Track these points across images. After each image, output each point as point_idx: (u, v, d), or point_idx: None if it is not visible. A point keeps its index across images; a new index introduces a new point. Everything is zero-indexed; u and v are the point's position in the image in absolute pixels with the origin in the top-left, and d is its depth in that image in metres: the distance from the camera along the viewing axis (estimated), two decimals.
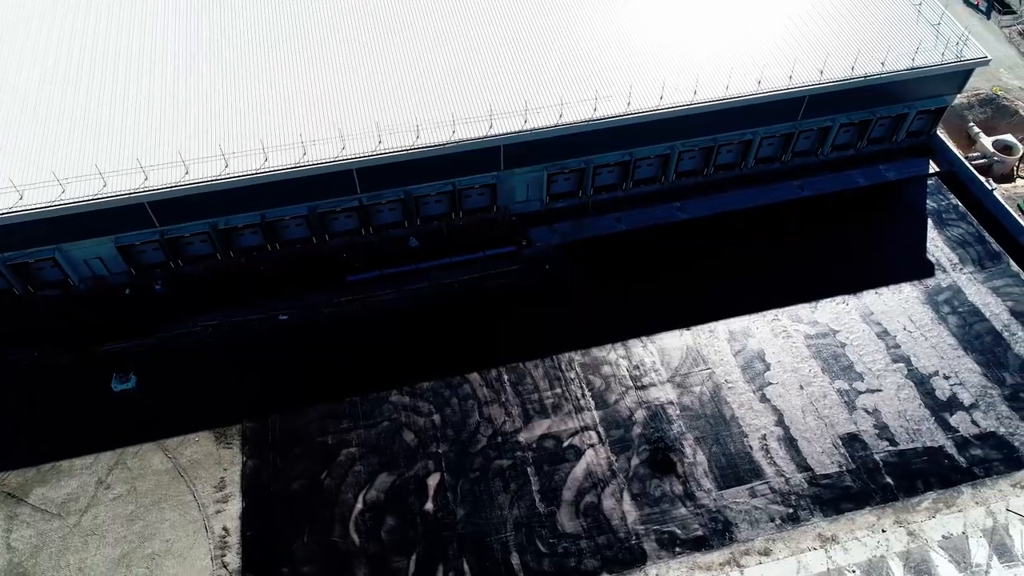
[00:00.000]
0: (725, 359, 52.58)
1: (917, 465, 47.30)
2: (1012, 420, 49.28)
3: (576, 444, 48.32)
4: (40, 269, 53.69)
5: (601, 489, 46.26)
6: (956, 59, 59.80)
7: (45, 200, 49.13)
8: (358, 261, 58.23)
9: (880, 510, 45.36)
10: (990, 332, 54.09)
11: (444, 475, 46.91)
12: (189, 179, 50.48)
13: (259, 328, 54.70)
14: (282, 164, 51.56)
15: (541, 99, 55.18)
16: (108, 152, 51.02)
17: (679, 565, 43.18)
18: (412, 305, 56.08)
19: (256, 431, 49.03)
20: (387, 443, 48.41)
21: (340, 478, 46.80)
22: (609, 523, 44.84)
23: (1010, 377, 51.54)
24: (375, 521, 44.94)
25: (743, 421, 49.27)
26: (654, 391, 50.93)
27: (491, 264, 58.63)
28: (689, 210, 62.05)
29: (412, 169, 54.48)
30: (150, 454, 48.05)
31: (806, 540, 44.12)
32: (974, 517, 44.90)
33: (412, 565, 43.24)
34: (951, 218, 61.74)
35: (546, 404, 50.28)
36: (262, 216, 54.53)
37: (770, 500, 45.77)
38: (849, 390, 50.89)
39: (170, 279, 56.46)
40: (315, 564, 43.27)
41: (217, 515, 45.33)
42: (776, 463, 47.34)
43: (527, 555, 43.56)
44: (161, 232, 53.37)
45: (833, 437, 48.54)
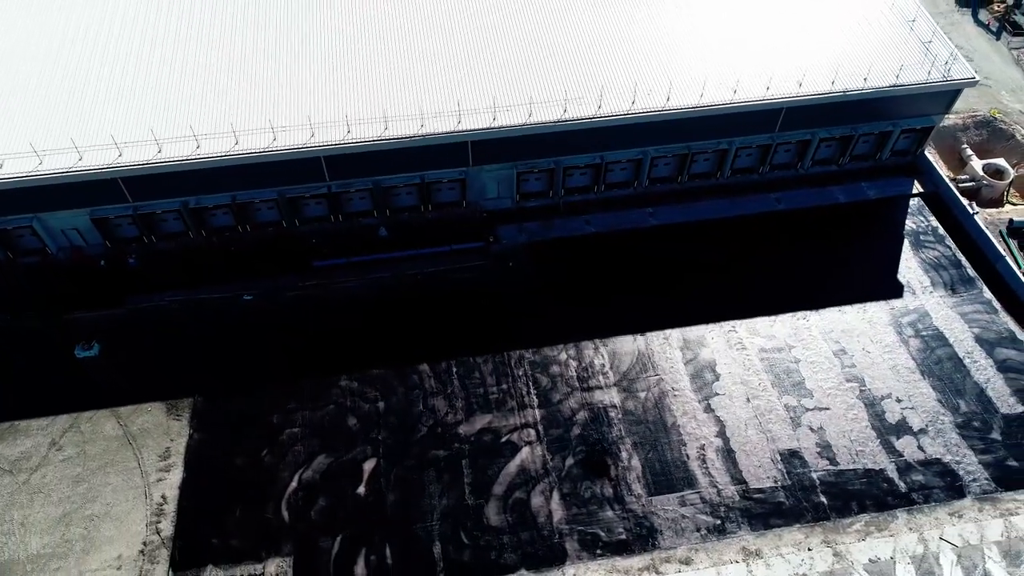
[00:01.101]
0: (675, 367, 52.49)
1: (855, 486, 46.70)
2: (960, 448, 48.33)
3: (514, 440, 48.77)
4: (20, 236, 55.97)
5: (532, 486, 46.66)
6: (942, 78, 58.64)
7: (23, 170, 51.19)
8: (326, 247, 59.41)
9: (809, 528, 44.94)
10: (951, 358, 53.03)
11: (380, 461, 47.77)
12: (161, 157, 52.13)
13: (223, 307, 56.18)
14: (252, 148, 52.91)
15: (511, 97, 55.64)
16: (85, 128, 52.85)
17: (598, 567, 43.37)
18: (374, 293, 57.02)
19: (206, 405, 50.49)
20: (330, 426, 49.44)
21: (280, 456, 47.98)
22: (535, 520, 45.22)
23: (965, 405, 50.51)
24: (307, 500, 46.00)
25: (684, 430, 49.17)
26: (599, 394, 51.10)
27: (457, 258, 59.31)
28: (661, 216, 61.89)
29: (380, 160, 55.40)
30: (103, 420, 49.82)
31: (729, 552, 43.93)
32: (905, 543, 44.21)
33: (337, 546, 44.19)
34: (928, 240, 60.56)
35: (491, 399, 50.81)
36: (233, 198, 56.00)
37: (699, 510, 45.66)
38: (796, 406, 50.42)
39: (144, 254, 58.31)
40: (244, 538, 44.49)
41: (158, 483, 46.85)
42: (711, 474, 47.18)
43: (449, 545, 44.19)
44: (134, 207, 55.17)
45: (773, 452, 48.18)
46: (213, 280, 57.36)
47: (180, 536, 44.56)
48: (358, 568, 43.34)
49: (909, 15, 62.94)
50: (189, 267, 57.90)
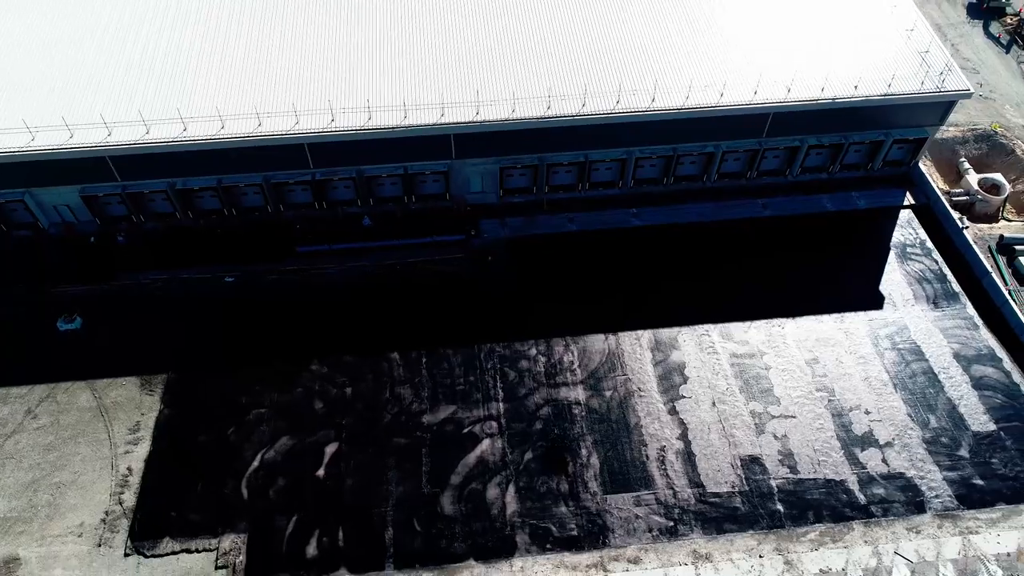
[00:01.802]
0: (644, 368, 52.42)
1: (813, 496, 46.30)
2: (925, 464, 47.67)
3: (476, 432, 49.11)
4: (13, 210, 57.61)
5: (489, 478, 46.97)
6: (936, 89, 57.74)
7: (15, 146, 52.67)
8: (310, 234, 60.24)
9: (763, 535, 44.67)
10: (926, 372, 52.28)
11: (342, 445, 48.42)
12: (148, 138, 53.31)
13: (205, 287, 57.26)
14: (237, 132, 53.86)
15: (495, 92, 55.96)
16: (76, 107, 54.17)
17: (546, 561, 43.56)
18: (353, 281, 57.72)
19: (179, 382, 51.55)
20: (297, 409, 50.21)
21: (245, 436, 48.85)
22: (488, 512, 45.54)
23: (935, 420, 49.79)
24: (267, 480, 46.80)
25: (646, 430, 49.13)
26: (565, 390, 51.24)
27: (437, 250, 59.78)
28: (644, 217, 61.77)
29: (363, 149, 56.08)
30: (79, 391, 51.11)
31: (679, 555, 43.85)
32: (859, 555, 43.75)
33: (292, 526, 44.92)
34: (915, 253, 59.69)
35: (457, 390, 51.21)
36: (219, 181, 57.06)
37: (653, 511, 45.62)
38: (763, 413, 50.09)
39: (132, 232, 59.64)
40: (203, 512, 45.41)
41: (125, 455, 47.98)
42: (669, 475, 47.10)
43: (401, 531, 44.70)
44: (123, 187, 56.46)
45: (733, 457, 47.93)
46: (198, 261, 58.46)
47: (141, 508, 45.62)
48: (310, 548, 44.01)
49: (907, 24, 62.09)
50: (175, 247, 59.09)
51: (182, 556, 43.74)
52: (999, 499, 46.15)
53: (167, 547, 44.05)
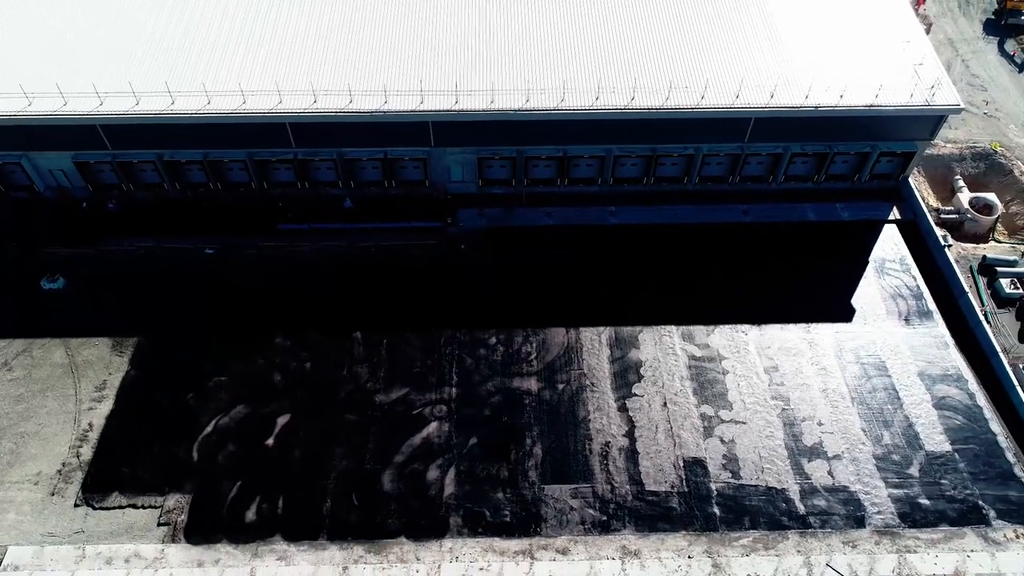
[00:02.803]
0: (600, 364, 52.63)
1: (752, 502, 46.04)
2: (871, 480, 47.02)
3: (425, 414, 49.92)
4: (11, 172, 60.16)
5: (431, 460, 47.73)
6: (924, 103, 56.70)
7: (12, 110, 55.05)
8: (292, 212, 61.70)
9: (695, 536, 44.61)
10: (887, 389, 51.49)
11: (294, 418, 49.66)
12: (137, 109, 55.23)
13: (186, 257, 59.12)
14: (221, 108, 55.46)
15: (475, 83, 56.61)
16: (72, 75, 56.21)
17: (475, 544, 44.17)
18: (328, 260, 58.97)
19: (147, 346, 53.40)
20: (256, 380, 51.61)
21: (203, 401, 50.42)
22: (426, 492, 46.32)
23: (889, 437, 49.04)
24: (218, 445, 48.27)
25: (593, 425, 49.36)
26: (519, 380, 51.73)
27: (414, 236, 60.74)
28: (622, 216, 61.87)
29: (344, 132, 57.27)
30: (54, 348, 53.28)
31: (608, 549, 44.05)
32: (789, 564, 43.43)
33: (235, 491, 46.29)
34: (894, 268, 58.71)
35: (413, 373, 52.05)
36: (205, 155, 58.80)
37: (588, 504, 45.89)
38: (713, 416, 49.93)
39: (123, 200, 61.80)
40: (152, 471, 47.05)
41: (88, 411, 49.94)
42: (609, 471, 47.29)
43: (339, 505, 45.72)
44: (113, 155, 58.54)
45: (677, 458, 47.91)
46: (182, 231, 60.33)
47: (96, 462, 47.45)
48: (249, 513, 45.33)
49: (904, 35, 61.04)
50: (162, 217, 61.08)
51: (128, 511, 45.43)
52: (943, 520, 45.33)
53: (115, 501, 45.80)
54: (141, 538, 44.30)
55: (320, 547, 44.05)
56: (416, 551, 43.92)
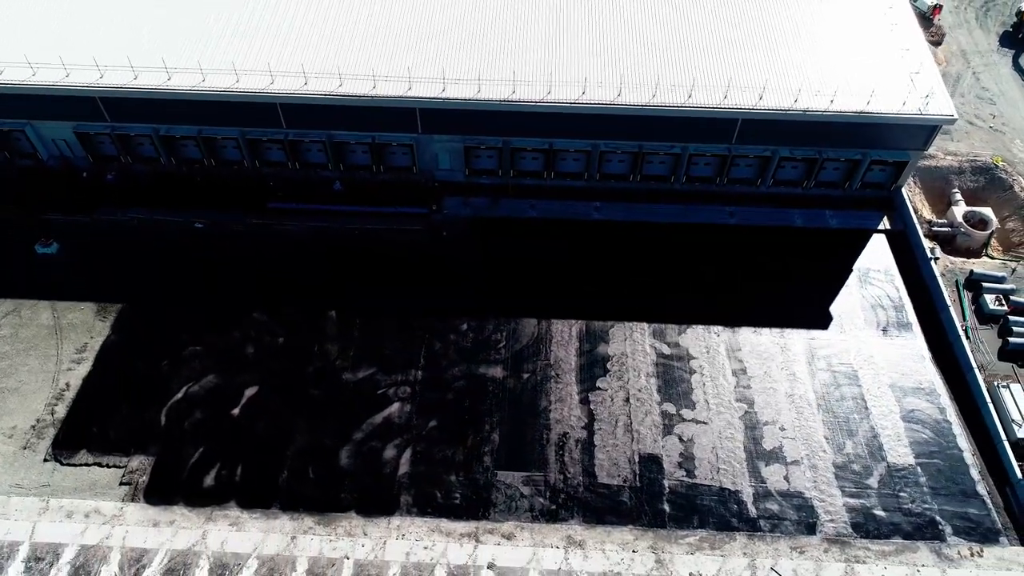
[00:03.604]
0: (568, 356, 52.82)
1: (703, 501, 45.88)
2: (828, 487, 46.51)
3: (389, 395, 50.67)
4: (17, 140, 62.40)
5: (390, 439, 48.43)
6: (916, 112, 55.79)
7: (17, 79, 57.10)
8: (282, 191, 62.95)
9: (641, 531, 44.62)
10: (856, 398, 50.83)
11: (261, 390, 50.78)
12: (134, 84, 56.89)
13: (176, 229, 60.73)
14: (215, 86, 56.85)
15: (462, 72, 57.17)
16: (76, 49, 58.08)
17: (423, 524, 44.76)
18: (313, 240, 60.07)
19: (129, 313, 55.04)
20: (229, 351, 52.87)
21: (176, 369, 51.82)
22: (381, 470, 47.04)
23: (852, 446, 48.43)
24: (185, 412, 49.60)
25: (553, 415, 49.61)
26: (485, 367, 52.18)
27: (398, 220, 61.56)
28: (606, 212, 61.91)
29: (333, 115, 58.26)
30: (42, 310, 55.21)
31: (553, 537, 44.28)
32: (733, 565, 43.21)
33: (196, 456, 47.54)
34: (877, 278, 57.84)
35: (382, 354, 52.83)
36: (199, 131, 60.30)
37: (538, 492, 46.16)
38: (674, 415, 49.82)
39: (121, 172, 63.66)
40: (120, 431, 48.56)
41: (67, 372, 51.67)
42: (564, 461, 47.50)
43: (295, 477, 46.67)
44: (112, 127, 60.38)
45: (633, 453, 47.93)
46: (174, 205, 61.98)
47: (68, 420, 49.12)
48: (208, 479, 46.54)
49: (904, 43, 60.06)
50: (157, 190, 62.80)
51: (93, 469, 46.97)
52: (896, 533, 44.67)
53: (82, 458, 47.38)
54: (102, 495, 45.78)
55: (272, 516, 45.06)
56: (364, 526, 44.67)
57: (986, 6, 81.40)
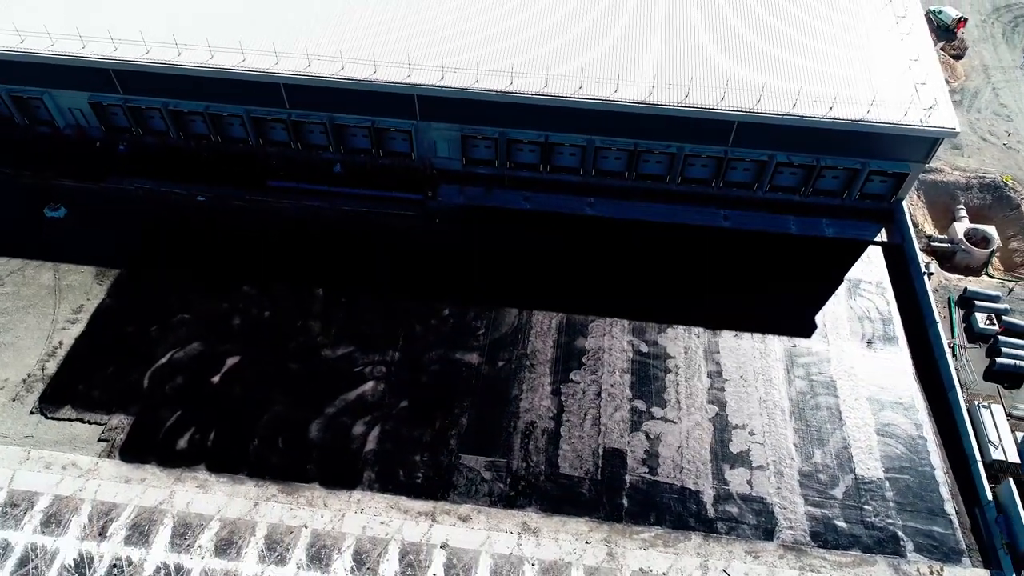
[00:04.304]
0: (545, 347, 53.15)
1: (662, 499, 45.87)
2: (791, 495, 46.11)
3: (365, 373, 51.61)
4: (36, 107, 64.90)
5: (360, 416, 49.36)
6: (917, 123, 54.83)
7: (35, 48, 59.41)
8: (284, 170, 64.37)
9: (596, 523, 44.81)
10: (831, 409, 50.25)
11: (242, 360, 52.14)
12: (145, 58, 58.77)
13: (178, 201, 62.58)
14: (222, 64, 58.43)
15: (461, 61, 57.82)
16: (91, 20, 60.22)
17: (382, 499, 45.58)
18: (308, 219, 61.34)
19: (126, 278, 56.94)
20: (216, 321, 54.37)
21: (163, 335, 53.49)
22: (348, 444, 47.99)
23: (821, 456, 47.93)
24: (167, 376, 51.20)
25: (523, 404, 50.02)
26: (462, 353, 52.80)
27: (393, 205, 62.52)
28: (599, 208, 62.04)
29: (334, 98, 59.43)
30: (44, 271, 57.43)
31: (509, 523, 44.73)
32: (684, 564, 43.16)
33: (173, 419, 49.06)
34: (868, 291, 56.98)
35: (363, 333, 53.78)
36: (206, 107, 62.01)
37: (499, 478, 46.65)
38: (644, 412, 49.85)
39: (132, 143, 65.77)
40: (103, 391, 50.33)
41: (61, 331, 53.70)
42: (528, 449, 47.89)
43: (264, 446, 47.87)
44: (124, 99, 62.43)
45: (598, 446, 48.11)
46: (180, 178, 63.82)
47: (57, 376, 51.08)
48: (181, 441, 48.02)
49: (913, 53, 59.03)
50: (164, 162, 64.70)
51: (75, 424, 48.80)
52: (855, 545, 44.12)
53: (65, 413, 49.26)
54: (81, 450, 47.57)
55: (238, 481, 46.34)
56: (325, 498, 45.68)
57: (1015, 22, 79.35)
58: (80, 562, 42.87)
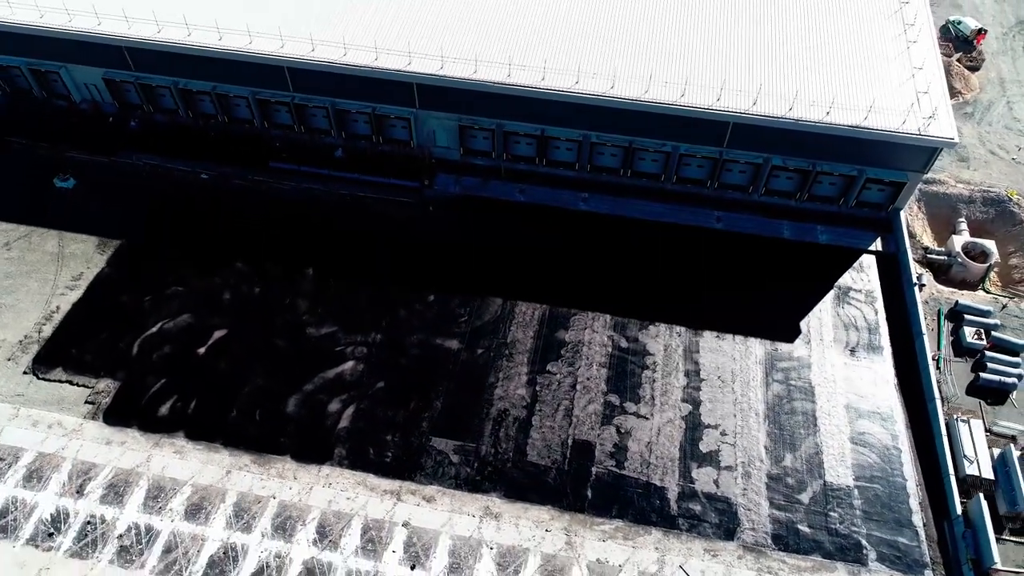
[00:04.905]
0: (525, 338, 53.60)
1: (626, 493, 46.08)
2: (757, 497, 45.99)
3: (346, 353, 52.61)
4: (54, 81, 67.13)
5: (337, 394, 50.36)
6: (914, 132, 54.14)
7: (52, 23, 61.50)
8: (286, 152, 65.71)
9: (559, 512, 45.20)
10: (807, 414, 49.94)
11: (229, 333, 53.49)
12: (156, 37, 60.47)
13: (182, 177, 64.30)
14: (229, 46, 59.86)
15: (460, 51, 58.49)
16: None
17: (350, 476, 46.52)
18: (305, 201, 62.62)
19: (127, 250, 58.75)
20: (207, 295, 55.83)
21: (156, 306, 55.10)
22: (322, 421, 49.02)
23: (791, 460, 47.69)
24: (156, 345, 52.76)
25: (497, 392, 50.57)
26: (443, 339, 53.52)
27: (390, 191, 63.48)
28: (593, 204, 62.26)
29: (336, 82, 60.54)
30: (49, 238, 59.51)
31: (471, 506, 45.34)
32: (642, 558, 43.37)
33: (158, 386, 50.58)
34: (856, 299, 56.42)
35: (347, 315, 54.77)
36: (213, 87, 63.60)
37: (466, 462, 47.28)
38: (618, 406, 50.07)
39: (143, 120, 67.69)
40: (93, 356, 52.09)
41: (60, 296, 55.62)
42: (498, 436, 48.43)
43: (242, 416, 49.16)
44: (136, 76, 64.30)
45: (568, 437, 48.46)
46: (186, 155, 65.54)
47: (51, 340, 52.98)
48: (163, 408, 49.51)
49: (917, 62, 58.25)
50: (173, 140, 66.47)
51: (65, 386, 50.60)
52: (817, 551, 43.90)
53: (56, 375, 51.08)
54: (67, 411, 49.32)
55: (214, 449, 47.66)
56: (296, 471, 46.77)
57: None
58: (56, 517, 44.52)
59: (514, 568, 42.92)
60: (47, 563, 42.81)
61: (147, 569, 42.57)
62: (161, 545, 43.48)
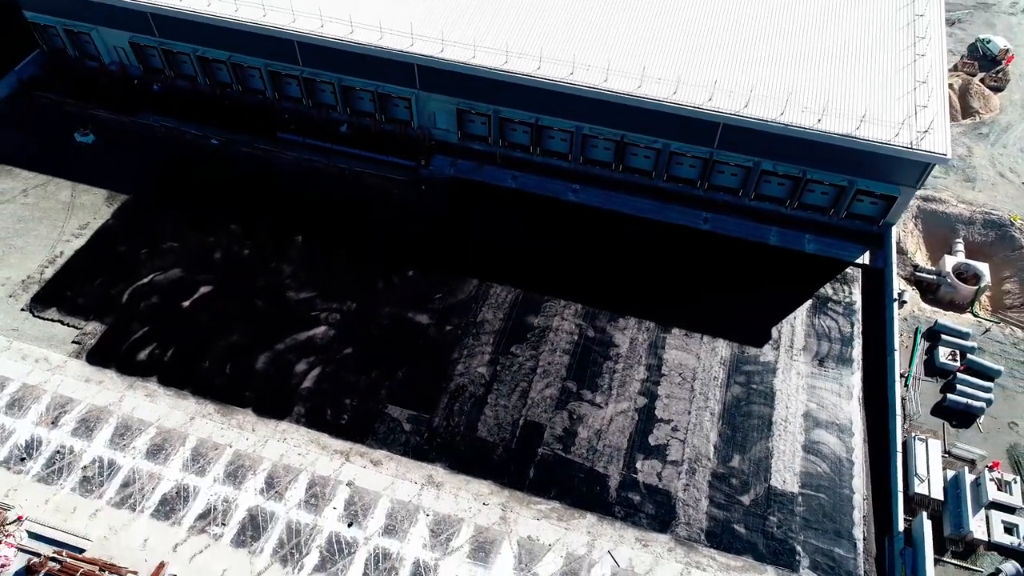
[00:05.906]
0: (494, 319, 54.61)
1: (569, 476, 46.75)
2: (697, 493, 46.13)
3: (320, 318, 54.48)
4: (86, 43, 70.95)
5: (305, 356, 52.24)
6: (907, 145, 53.22)
7: None
8: (294, 124, 68.10)
9: (499, 488, 46.16)
10: (763, 418, 49.75)
11: (214, 290, 55.98)
12: (176, 5, 63.46)
13: (194, 141, 67.29)
14: (244, 18, 62.43)
15: (461, 35, 59.79)
16: None
17: (305, 434, 48.22)
18: (306, 172, 64.88)
19: (133, 204, 61.90)
20: (199, 253, 58.49)
21: (150, 258, 58.00)
22: (288, 380, 50.96)
23: (738, 462, 47.65)
24: (144, 296, 55.58)
25: (459, 368, 51.75)
26: (414, 313, 54.93)
27: (387, 169, 65.25)
28: (582, 195, 62.88)
29: (342, 59, 62.54)
30: (64, 188, 63.09)
31: (415, 474, 46.67)
32: (572, 539, 44.02)
33: (140, 333, 53.34)
34: (834, 310, 55.75)
35: (327, 283, 56.57)
36: (229, 57, 66.36)
37: (417, 431, 48.62)
38: (574, 393, 50.71)
39: (166, 84, 71.01)
40: (87, 300, 55.18)
41: (66, 242, 59.01)
42: (452, 410, 49.60)
43: (213, 368, 51.45)
44: (159, 42, 67.52)
45: (520, 418, 49.35)
46: (200, 120, 68.57)
47: (51, 281, 56.32)
48: (142, 353, 52.22)
49: (921, 75, 57.14)
50: (189, 105, 69.61)
51: (56, 325, 53.78)
52: (749, 551, 43.87)
53: (50, 314, 54.33)
54: (55, 348, 52.46)
55: (182, 396, 50.12)
56: (255, 424, 48.86)
57: None
58: (30, 443, 47.54)
59: (447, 536, 44.12)
60: (15, 484, 45.80)
61: (104, 499, 45.18)
62: (120, 479, 46.07)
